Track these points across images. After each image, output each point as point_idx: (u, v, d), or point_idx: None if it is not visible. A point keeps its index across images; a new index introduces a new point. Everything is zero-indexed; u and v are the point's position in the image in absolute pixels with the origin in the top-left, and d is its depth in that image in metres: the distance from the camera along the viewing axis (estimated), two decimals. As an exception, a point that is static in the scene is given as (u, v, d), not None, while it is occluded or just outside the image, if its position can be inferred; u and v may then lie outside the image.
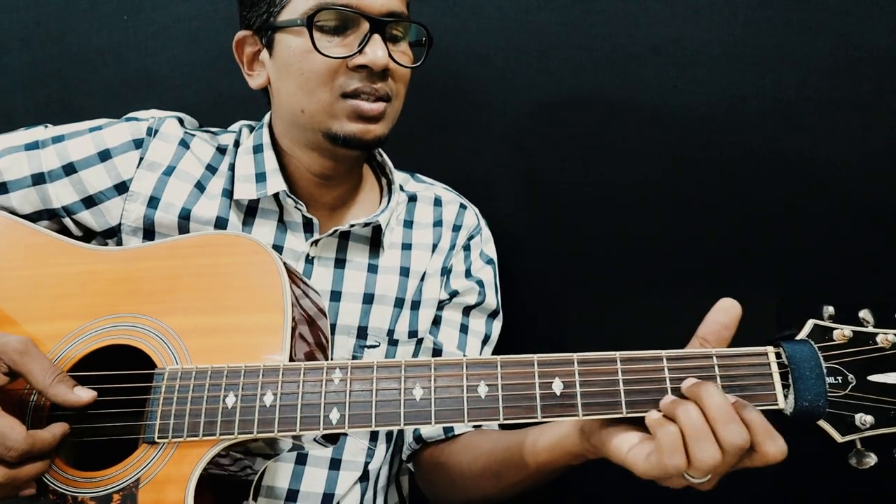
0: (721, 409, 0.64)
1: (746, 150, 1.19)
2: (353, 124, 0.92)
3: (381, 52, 0.89)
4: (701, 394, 0.66)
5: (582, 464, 0.82)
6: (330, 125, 0.92)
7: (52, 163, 0.95)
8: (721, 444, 0.63)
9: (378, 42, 0.89)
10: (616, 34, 1.22)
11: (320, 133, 0.93)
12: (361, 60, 0.89)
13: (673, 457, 0.64)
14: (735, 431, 0.63)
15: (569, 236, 1.27)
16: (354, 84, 0.90)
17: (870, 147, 1.15)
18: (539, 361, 0.71)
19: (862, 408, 0.68)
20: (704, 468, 0.63)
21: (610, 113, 1.23)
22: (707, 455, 0.63)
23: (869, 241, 1.16)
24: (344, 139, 0.93)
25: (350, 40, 0.90)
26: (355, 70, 0.90)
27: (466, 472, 0.96)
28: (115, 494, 0.73)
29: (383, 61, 0.89)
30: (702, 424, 0.64)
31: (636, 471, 0.68)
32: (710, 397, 0.65)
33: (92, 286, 0.82)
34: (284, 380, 0.73)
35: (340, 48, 0.90)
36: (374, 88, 0.91)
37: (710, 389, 0.66)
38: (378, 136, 0.94)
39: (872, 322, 0.71)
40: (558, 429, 0.81)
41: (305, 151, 0.98)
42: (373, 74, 0.90)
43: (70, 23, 1.31)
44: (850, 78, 1.14)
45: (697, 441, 0.64)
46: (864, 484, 1.16)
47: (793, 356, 0.68)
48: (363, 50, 0.89)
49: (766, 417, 0.69)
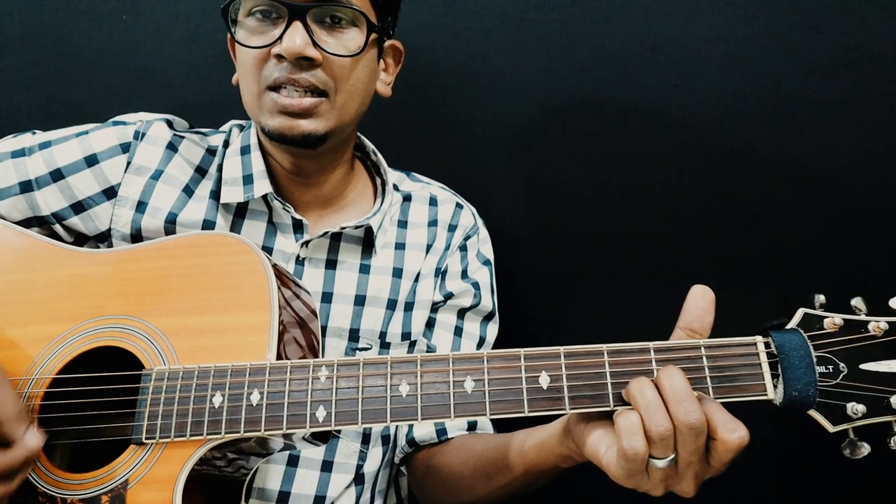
0: (675, 389, 0.64)
1: (746, 150, 1.19)
2: (275, 118, 0.90)
3: (299, 40, 0.85)
4: (661, 375, 0.65)
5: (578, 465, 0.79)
6: (260, 118, 0.92)
7: (39, 169, 0.96)
8: (672, 416, 0.63)
9: (296, 28, 0.85)
10: (616, 33, 1.22)
11: (259, 127, 0.93)
12: (277, 49, 0.87)
13: (632, 439, 0.63)
14: (686, 409, 0.62)
15: (568, 236, 1.26)
16: (275, 74, 0.88)
17: (870, 147, 1.15)
18: (526, 355, 0.71)
19: (854, 397, 0.66)
20: (657, 438, 0.62)
21: (610, 112, 1.23)
22: (656, 424, 0.62)
23: (869, 241, 1.16)
24: (270, 133, 0.91)
25: (277, 30, 0.87)
26: (278, 60, 0.88)
27: (457, 473, 0.94)
28: (103, 496, 0.73)
29: (297, 49, 0.85)
30: (653, 396, 0.64)
31: (611, 473, 0.67)
32: (668, 378, 0.64)
33: (80, 289, 0.82)
34: (271, 378, 0.73)
35: (262, 38, 0.88)
36: (293, 79, 0.87)
37: (669, 371, 0.65)
38: (307, 133, 0.90)
39: (865, 310, 0.69)
40: (547, 428, 0.80)
41: (272, 146, 0.98)
42: (293, 65, 0.87)
43: (70, 23, 1.32)
44: (850, 78, 1.14)
45: (647, 411, 0.63)
46: (864, 484, 1.15)
47: (782, 345, 0.67)
48: (281, 38, 0.86)
49: (757, 408, 0.68)
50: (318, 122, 0.91)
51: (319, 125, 0.91)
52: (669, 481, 0.66)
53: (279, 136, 0.91)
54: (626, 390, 0.67)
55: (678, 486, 0.66)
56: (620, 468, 0.65)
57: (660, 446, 0.63)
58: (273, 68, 0.88)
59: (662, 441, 0.62)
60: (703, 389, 0.67)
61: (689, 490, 0.66)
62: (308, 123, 0.90)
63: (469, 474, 0.92)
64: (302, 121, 0.90)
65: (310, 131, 0.90)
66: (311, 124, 0.90)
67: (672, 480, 0.65)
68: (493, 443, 0.91)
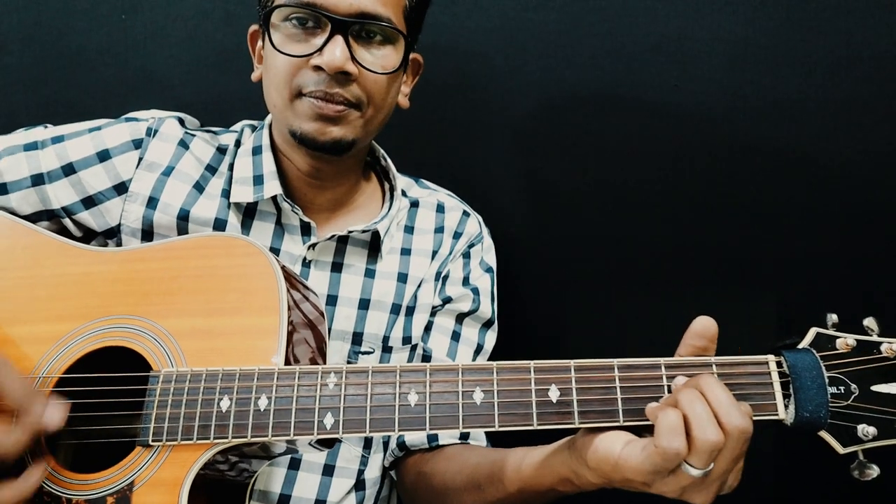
0: (722, 397, 0.63)
1: (747, 150, 1.19)
2: (309, 123, 0.90)
3: (340, 53, 0.85)
4: (700, 383, 0.64)
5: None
6: (291, 122, 0.91)
7: (51, 163, 0.95)
8: (724, 427, 0.62)
9: (337, 42, 0.86)
10: (616, 33, 1.21)
11: (287, 130, 0.92)
12: (317, 61, 0.87)
13: (673, 439, 0.61)
14: (737, 415, 0.62)
15: (568, 236, 1.26)
16: (311, 86, 0.88)
17: (870, 147, 1.15)
18: (536, 368, 0.70)
19: (864, 419, 0.66)
20: (707, 448, 0.61)
21: (610, 112, 1.23)
22: (711, 433, 0.61)
23: (869, 241, 1.16)
24: (301, 137, 0.91)
25: (317, 41, 0.88)
26: (316, 71, 0.88)
27: (450, 483, 0.93)
28: (109, 497, 0.73)
29: (338, 63, 0.85)
30: (704, 408, 0.62)
31: (629, 465, 0.64)
32: (711, 387, 0.64)
33: (88, 287, 0.82)
34: (279, 384, 0.73)
35: (302, 46, 0.88)
36: (329, 94, 0.88)
37: (709, 380, 0.64)
38: (337, 139, 0.91)
39: (877, 330, 0.69)
40: (551, 446, 0.78)
41: (292, 149, 0.97)
42: (330, 77, 0.87)
43: (69, 22, 1.32)
44: (850, 78, 1.15)
45: (700, 421, 0.62)
46: (865, 493, 1.15)
47: (794, 365, 0.67)
48: (322, 50, 0.87)
49: (767, 428, 0.68)
50: (347, 129, 0.91)
51: (349, 132, 0.92)
52: (689, 489, 0.65)
53: (311, 141, 0.91)
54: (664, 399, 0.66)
55: (694, 495, 0.65)
56: (649, 462, 0.63)
57: (704, 458, 0.62)
58: (308, 77, 0.88)
59: (710, 453, 0.61)
60: (714, 407, 0.67)
61: (703, 501, 0.65)
62: (338, 130, 0.91)
63: (461, 485, 0.91)
64: (334, 127, 0.90)
65: (340, 137, 0.91)
66: (341, 130, 0.91)
67: (692, 489, 0.65)
68: (490, 456, 0.89)
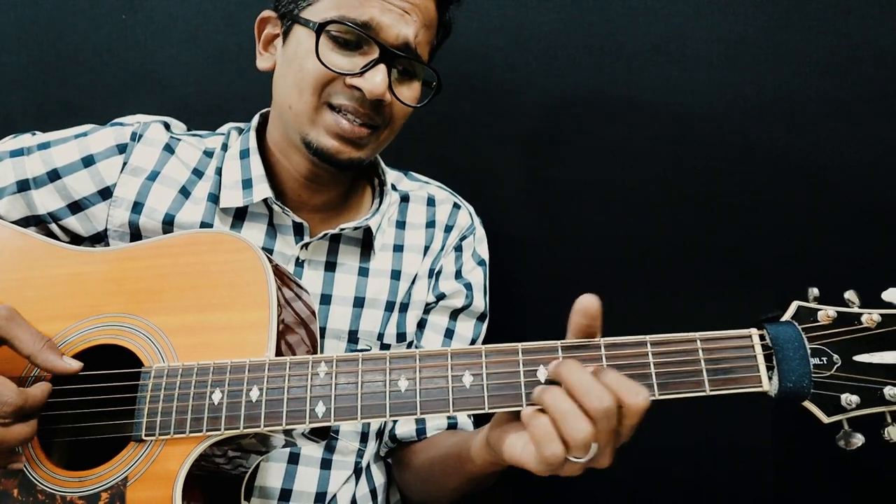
0: (581, 382, 0.64)
1: (746, 150, 1.19)
2: (330, 139, 0.91)
3: (380, 80, 0.87)
4: (560, 372, 0.66)
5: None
6: (308, 131, 0.92)
7: (37, 169, 0.96)
8: (590, 413, 0.63)
9: (381, 71, 0.87)
10: (616, 33, 1.22)
11: (299, 136, 0.93)
12: (357, 82, 0.88)
13: (549, 446, 0.64)
14: (597, 397, 0.63)
15: (568, 235, 1.27)
16: (343, 101, 0.89)
17: (870, 147, 1.15)
18: (524, 349, 0.71)
19: (847, 388, 0.67)
20: (580, 444, 0.63)
21: (610, 112, 1.24)
22: (579, 430, 0.63)
23: (870, 241, 1.16)
24: (316, 150, 0.92)
25: (357, 60, 0.89)
26: (350, 89, 0.89)
27: (423, 472, 0.97)
28: (103, 493, 0.73)
29: (380, 90, 0.87)
30: (568, 404, 0.64)
31: (529, 467, 0.67)
32: (570, 374, 0.65)
33: (79, 287, 0.82)
34: (270, 374, 0.74)
35: (344, 62, 0.89)
36: (360, 112, 0.90)
37: (567, 365, 0.66)
38: (352, 160, 0.93)
39: (858, 303, 0.70)
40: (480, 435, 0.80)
41: (293, 150, 0.97)
42: (365, 101, 0.89)
43: (68, 22, 1.32)
44: (850, 78, 1.15)
45: (566, 420, 0.63)
46: (860, 477, 1.16)
47: (776, 337, 0.68)
48: (364, 73, 0.88)
49: (752, 400, 0.69)
50: (363, 152, 0.94)
51: (363, 153, 0.94)
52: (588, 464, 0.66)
53: (328, 157, 0.92)
54: (534, 395, 0.68)
55: (597, 462, 0.66)
56: (543, 464, 0.65)
57: (582, 449, 0.64)
58: (342, 94, 0.89)
59: (585, 443, 0.63)
60: (699, 381, 0.68)
61: (606, 463, 0.66)
62: (356, 152, 0.93)
63: (441, 468, 0.93)
64: (349, 148, 0.92)
65: (353, 158, 0.93)
66: (357, 152, 0.93)
67: (591, 462, 0.66)
68: (462, 438, 0.91)
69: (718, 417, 1.15)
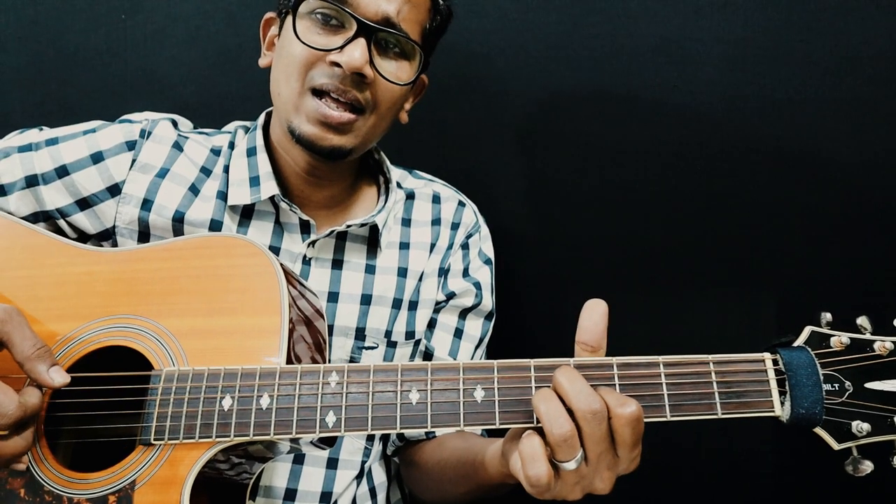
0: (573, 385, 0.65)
1: (746, 150, 1.20)
2: (311, 126, 0.90)
3: (360, 54, 0.86)
4: (555, 376, 0.67)
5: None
6: (292, 118, 0.91)
7: (45, 165, 0.95)
8: (575, 413, 0.64)
9: (360, 45, 0.86)
10: (616, 33, 1.22)
11: (286, 124, 0.92)
12: (336, 57, 0.87)
13: (533, 465, 0.65)
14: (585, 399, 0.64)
15: (568, 236, 1.27)
16: (324, 80, 0.88)
17: (870, 147, 1.16)
18: (536, 366, 0.71)
19: (859, 415, 0.67)
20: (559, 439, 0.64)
21: (610, 112, 1.24)
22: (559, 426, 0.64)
23: (869, 241, 1.17)
24: (299, 137, 0.91)
25: (339, 39, 0.88)
26: (332, 66, 0.88)
27: (434, 473, 0.97)
28: (110, 496, 0.73)
29: (358, 63, 0.86)
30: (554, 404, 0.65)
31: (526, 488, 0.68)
32: (563, 378, 0.66)
33: (89, 287, 0.82)
34: (281, 382, 0.73)
35: (323, 40, 0.88)
36: (341, 89, 0.88)
37: (563, 371, 0.67)
38: (336, 147, 0.91)
39: (870, 329, 0.70)
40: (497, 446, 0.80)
41: (291, 145, 0.96)
42: (346, 77, 0.88)
43: (67, 22, 1.31)
44: (850, 78, 1.15)
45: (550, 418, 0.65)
46: (863, 491, 1.16)
47: (790, 363, 0.68)
48: (343, 48, 0.87)
49: (764, 425, 0.69)
50: (347, 139, 0.92)
51: (348, 141, 0.92)
52: (584, 482, 0.67)
53: (308, 144, 0.91)
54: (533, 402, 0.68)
55: (593, 484, 0.67)
56: (529, 489, 0.66)
57: (565, 449, 0.64)
58: (323, 73, 0.88)
59: (566, 442, 0.64)
60: (711, 404, 0.68)
61: (605, 487, 0.67)
62: (338, 138, 0.91)
63: (452, 471, 0.93)
64: (332, 134, 0.91)
65: (339, 146, 0.91)
66: (341, 139, 0.91)
67: (586, 481, 0.67)
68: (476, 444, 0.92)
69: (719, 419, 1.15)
